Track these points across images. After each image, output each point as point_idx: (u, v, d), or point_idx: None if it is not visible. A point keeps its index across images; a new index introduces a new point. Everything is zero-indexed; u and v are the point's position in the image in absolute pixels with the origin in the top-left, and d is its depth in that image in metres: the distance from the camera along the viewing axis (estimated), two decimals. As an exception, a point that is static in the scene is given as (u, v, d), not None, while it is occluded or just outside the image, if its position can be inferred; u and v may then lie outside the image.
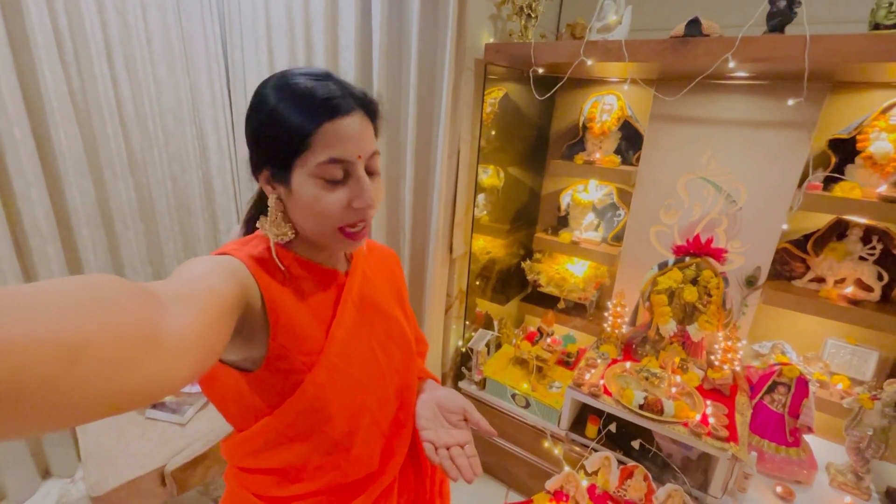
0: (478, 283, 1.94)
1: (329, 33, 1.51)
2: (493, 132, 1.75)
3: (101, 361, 0.27)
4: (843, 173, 1.43)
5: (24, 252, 1.50)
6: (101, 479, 1.22)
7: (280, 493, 0.60)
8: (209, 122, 1.89)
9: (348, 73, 1.51)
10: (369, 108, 0.55)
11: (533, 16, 1.51)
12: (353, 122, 0.52)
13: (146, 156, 1.76)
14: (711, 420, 1.36)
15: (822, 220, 1.51)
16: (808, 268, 1.56)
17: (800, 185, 1.44)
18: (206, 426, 1.42)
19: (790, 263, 1.60)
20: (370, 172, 0.56)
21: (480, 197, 1.87)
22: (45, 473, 1.74)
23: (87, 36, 1.51)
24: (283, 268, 0.56)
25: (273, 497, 0.60)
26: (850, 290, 1.49)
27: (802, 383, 1.41)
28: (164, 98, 1.78)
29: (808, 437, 1.49)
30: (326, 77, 0.53)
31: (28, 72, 1.40)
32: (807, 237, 1.54)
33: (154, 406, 1.42)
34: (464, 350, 1.89)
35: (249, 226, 0.62)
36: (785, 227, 1.46)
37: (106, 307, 0.29)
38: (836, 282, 1.51)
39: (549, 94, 1.54)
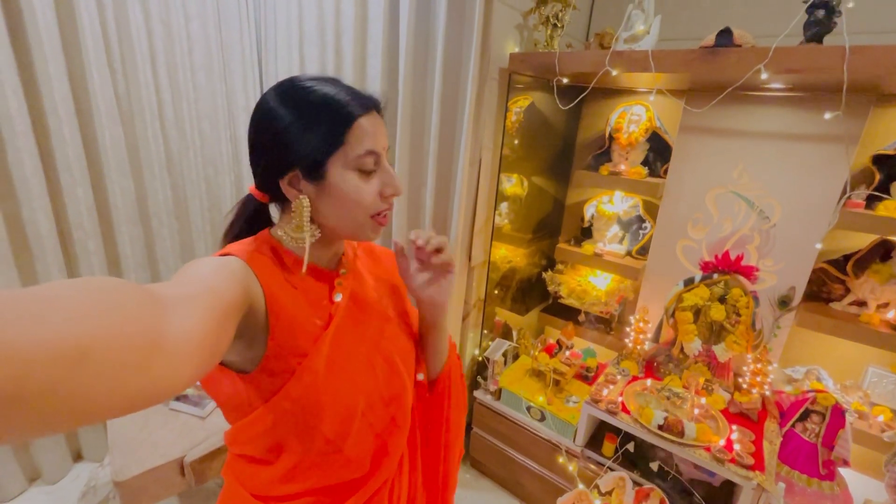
0: (497, 291, 1.93)
1: (358, 42, 1.55)
2: (519, 141, 1.75)
3: (105, 366, 0.28)
4: (888, 191, 1.34)
5: (68, 245, 1.60)
6: (125, 466, 1.28)
7: (273, 492, 0.61)
8: (243, 126, 1.97)
9: (375, 80, 1.55)
10: (380, 108, 0.59)
11: (559, 25, 1.50)
12: (374, 119, 0.57)
13: (183, 158, 1.85)
14: (736, 446, 1.29)
15: (863, 240, 1.43)
16: (847, 290, 1.47)
17: (839, 203, 1.37)
18: (224, 421, 1.46)
19: (828, 285, 1.51)
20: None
21: (503, 205, 1.87)
22: (77, 457, 1.84)
23: (134, 44, 1.61)
24: (285, 269, 0.58)
25: (266, 496, 0.61)
26: (894, 315, 1.39)
27: (838, 413, 1.33)
28: (201, 103, 1.86)
29: (843, 471, 1.39)
30: (335, 80, 0.57)
31: (79, 76, 1.50)
32: (847, 257, 1.45)
33: (177, 398, 1.48)
34: (480, 359, 1.88)
35: (229, 238, 0.63)
36: (818, 246, 1.38)
37: (110, 312, 0.29)
38: (879, 306, 1.41)
39: (572, 104, 1.53)
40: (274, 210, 0.64)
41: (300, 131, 0.53)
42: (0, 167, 1.40)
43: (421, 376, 0.76)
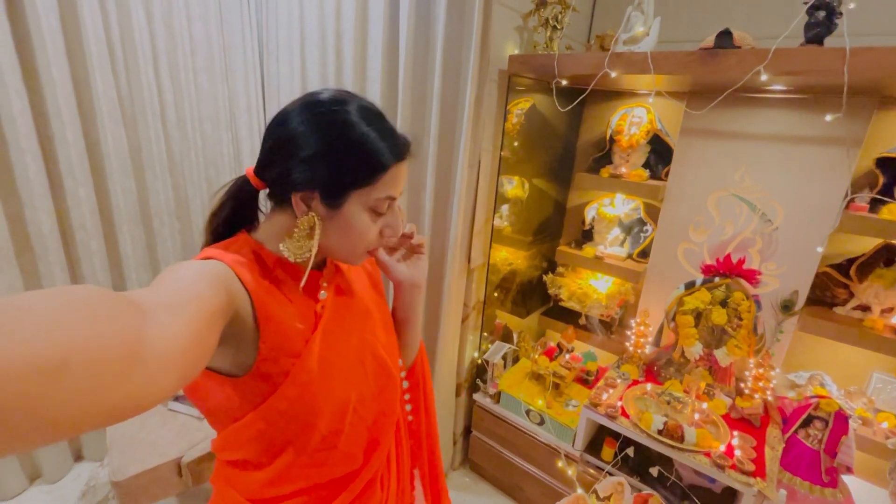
0: (497, 294, 1.92)
1: (358, 44, 1.55)
2: (520, 143, 1.74)
3: (84, 377, 0.27)
4: (892, 194, 1.32)
5: (70, 246, 1.61)
6: (123, 466, 1.28)
7: (268, 494, 0.61)
8: (244, 127, 1.98)
9: (375, 82, 1.55)
10: (409, 153, 0.60)
11: (559, 27, 1.50)
12: (404, 165, 0.59)
13: (184, 159, 1.86)
14: (737, 452, 1.28)
15: (867, 244, 1.41)
16: (851, 294, 1.46)
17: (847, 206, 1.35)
18: (222, 421, 1.46)
19: (831, 289, 1.49)
20: None
21: (504, 207, 1.86)
22: (78, 456, 1.84)
23: (137, 47, 1.62)
24: (268, 270, 0.57)
25: (261, 498, 0.61)
26: (898, 320, 1.37)
27: (842, 419, 1.31)
28: (203, 105, 1.87)
29: (846, 478, 1.37)
30: (372, 116, 0.56)
31: (82, 80, 1.51)
32: (850, 262, 1.43)
33: (175, 398, 1.48)
34: (479, 362, 1.87)
35: (224, 228, 0.61)
36: (819, 250, 1.37)
37: (88, 321, 0.29)
38: (883, 311, 1.39)
39: (571, 106, 1.52)
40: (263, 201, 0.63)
41: (332, 162, 0.53)
42: (3, 168, 1.42)
43: (400, 362, 0.78)
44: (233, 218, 0.61)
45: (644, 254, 1.82)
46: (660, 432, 1.33)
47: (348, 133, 0.53)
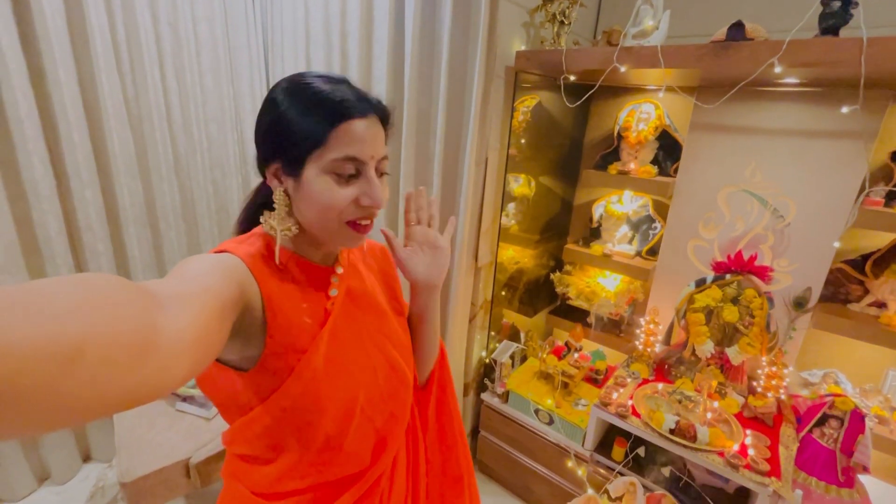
0: (504, 293, 1.91)
1: (364, 44, 1.54)
2: (526, 140, 1.73)
3: (99, 363, 0.27)
4: (908, 188, 1.30)
5: (77, 247, 1.61)
6: (131, 467, 1.28)
7: (274, 489, 0.60)
8: (249, 129, 1.97)
9: (381, 81, 1.54)
10: (383, 115, 0.58)
11: (566, 22, 1.48)
12: (368, 125, 0.54)
13: (190, 160, 1.86)
14: (751, 451, 1.26)
15: (882, 240, 1.38)
16: (866, 291, 1.43)
17: (857, 200, 1.33)
18: (230, 422, 1.46)
19: (846, 285, 1.47)
20: (379, 174, 0.58)
21: (511, 206, 1.85)
22: (86, 457, 1.85)
23: (142, 48, 1.62)
24: (281, 265, 0.57)
25: (267, 493, 0.61)
26: (915, 317, 1.35)
27: (858, 417, 1.29)
28: (209, 106, 1.87)
29: (863, 478, 1.35)
30: (342, 81, 0.56)
31: (88, 81, 1.51)
32: (865, 257, 1.41)
33: (183, 399, 1.48)
34: (487, 361, 1.85)
35: (244, 225, 0.64)
36: (836, 245, 1.35)
37: (104, 309, 0.29)
38: (900, 307, 1.37)
39: (580, 102, 1.51)
40: None
41: (287, 125, 0.53)
42: (11, 170, 1.42)
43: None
44: (255, 213, 0.62)
45: (653, 251, 1.80)
46: (672, 431, 1.31)
47: (304, 92, 0.53)
